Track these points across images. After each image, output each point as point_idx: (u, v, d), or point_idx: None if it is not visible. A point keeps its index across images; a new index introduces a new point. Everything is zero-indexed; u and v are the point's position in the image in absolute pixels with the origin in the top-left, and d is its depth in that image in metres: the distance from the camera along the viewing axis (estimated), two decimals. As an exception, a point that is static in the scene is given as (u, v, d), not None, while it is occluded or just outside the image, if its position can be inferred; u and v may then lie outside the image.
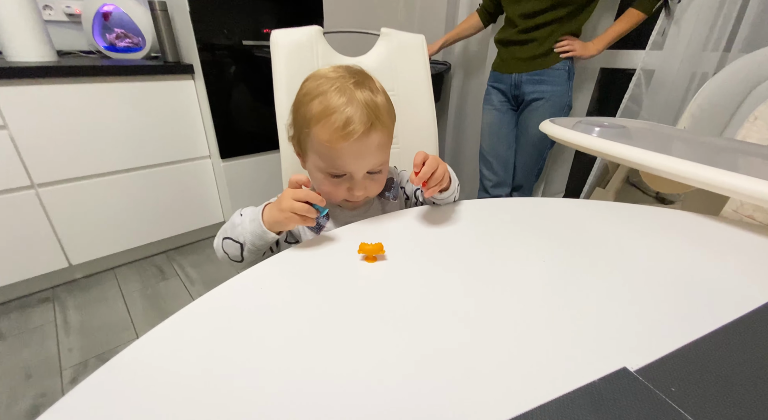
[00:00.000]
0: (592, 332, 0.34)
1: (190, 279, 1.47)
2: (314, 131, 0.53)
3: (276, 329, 0.34)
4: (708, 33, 1.19)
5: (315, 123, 0.52)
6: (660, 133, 0.72)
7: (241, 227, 0.51)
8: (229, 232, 0.53)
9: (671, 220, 0.56)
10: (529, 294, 0.39)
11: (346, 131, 0.51)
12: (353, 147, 0.52)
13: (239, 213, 0.54)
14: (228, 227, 0.54)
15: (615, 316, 0.36)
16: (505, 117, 1.48)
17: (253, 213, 0.52)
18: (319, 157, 0.55)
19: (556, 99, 1.34)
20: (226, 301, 0.38)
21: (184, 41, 1.40)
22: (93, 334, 1.20)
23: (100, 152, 1.33)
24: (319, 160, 0.55)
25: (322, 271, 0.43)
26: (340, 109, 0.51)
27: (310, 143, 0.55)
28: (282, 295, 0.39)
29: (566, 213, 0.58)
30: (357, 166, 0.54)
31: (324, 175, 0.56)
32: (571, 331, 0.34)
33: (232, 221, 0.53)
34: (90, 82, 1.25)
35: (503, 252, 0.47)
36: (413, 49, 0.83)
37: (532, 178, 1.52)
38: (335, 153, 0.53)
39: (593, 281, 0.41)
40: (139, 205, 1.48)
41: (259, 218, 0.50)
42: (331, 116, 0.51)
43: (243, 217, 0.52)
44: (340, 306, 0.37)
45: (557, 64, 1.31)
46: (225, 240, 0.53)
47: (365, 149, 0.53)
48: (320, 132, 0.52)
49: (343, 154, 0.53)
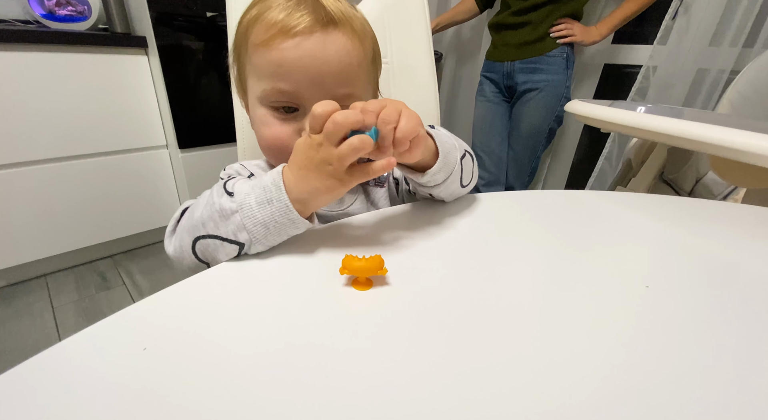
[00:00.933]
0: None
1: (139, 288, 1.25)
2: (250, 40, 0.37)
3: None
4: (716, 28, 1.12)
5: (251, 27, 0.37)
6: (717, 118, 0.59)
7: (243, 216, 0.29)
8: (206, 227, 0.30)
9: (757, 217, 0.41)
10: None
11: (287, 21, 0.35)
12: (299, 46, 0.35)
13: (219, 192, 0.31)
14: (200, 219, 0.30)
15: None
16: (498, 109, 1.34)
17: (259, 189, 0.29)
18: (256, 76, 0.38)
19: (551, 90, 1.20)
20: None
21: (136, 10, 1.20)
22: (9, 355, 0.97)
23: (32, 136, 1.11)
24: (257, 83, 0.38)
25: (281, 307, 0.26)
26: (285, 2, 0.36)
27: (248, 62, 0.39)
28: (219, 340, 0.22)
29: (624, 210, 0.43)
30: (308, 79, 0.36)
31: (266, 110, 0.39)
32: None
33: (213, 208, 0.30)
34: (17, 51, 1.03)
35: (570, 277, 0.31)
36: (412, 7, 0.67)
37: (523, 178, 1.38)
38: (273, 57, 0.36)
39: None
40: (80, 200, 1.25)
41: (285, 197, 0.29)
42: (269, 11, 0.36)
43: (239, 198, 0.29)
44: (311, 376, 0.20)
45: (554, 51, 1.18)
46: (200, 241, 0.30)
47: (318, 52, 0.36)
48: (255, 34, 0.37)
49: (283, 58, 0.36)
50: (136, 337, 0.22)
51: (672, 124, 0.47)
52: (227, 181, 0.32)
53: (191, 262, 0.32)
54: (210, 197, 0.31)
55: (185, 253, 0.32)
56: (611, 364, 0.21)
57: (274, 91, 0.37)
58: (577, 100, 0.64)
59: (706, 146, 0.44)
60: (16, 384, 0.18)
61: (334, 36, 0.37)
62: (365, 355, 0.21)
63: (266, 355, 0.21)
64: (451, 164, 0.37)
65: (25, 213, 1.16)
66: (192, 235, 0.31)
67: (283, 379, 0.19)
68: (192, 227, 0.31)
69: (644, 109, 0.55)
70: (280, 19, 0.35)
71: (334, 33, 0.37)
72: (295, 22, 0.35)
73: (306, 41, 0.36)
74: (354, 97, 0.39)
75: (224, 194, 0.30)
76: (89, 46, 1.13)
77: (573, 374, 0.20)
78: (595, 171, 1.38)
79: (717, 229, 0.39)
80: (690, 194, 0.78)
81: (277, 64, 0.36)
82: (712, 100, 1.19)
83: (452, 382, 0.19)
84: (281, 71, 0.36)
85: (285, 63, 0.36)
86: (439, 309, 0.25)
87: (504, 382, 0.19)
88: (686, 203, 0.45)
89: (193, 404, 0.18)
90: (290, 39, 0.35)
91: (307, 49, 0.36)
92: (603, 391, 0.19)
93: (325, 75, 0.37)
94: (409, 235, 0.34)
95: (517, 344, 0.22)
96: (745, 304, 0.27)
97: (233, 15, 0.57)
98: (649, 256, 0.34)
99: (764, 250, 0.35)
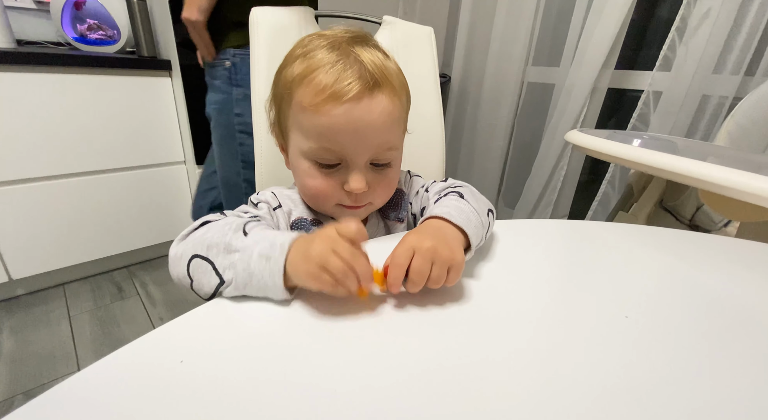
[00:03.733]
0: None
1: (152, 299, 1.29)
2: (295, 98, 0.39)
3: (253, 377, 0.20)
4: (719, 56, 1.15)
5: (296, 86, 0.38)
6: (713, 150, 0.62)
7: (240, 258, 0.30)
8: (209, 251, 0.32)
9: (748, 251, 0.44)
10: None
11: (337, 88, 0.36)
12: (349, 112, 0.37)
13: (237, 227, 0.33)
14: (209, 241, 0.32)
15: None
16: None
17: (267, 242, 0.31)
18: (302, 134, 0.40)
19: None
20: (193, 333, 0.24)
21: (163, 35, 1.28)
22: (25, 364, 1.01)
23: (58, 151, 1.17)
24: (303, 140, 0.40)
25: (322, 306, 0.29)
26: (331, 63, 0.37)
27: (292, 117, 0.41)
28: (266, 338, 0.25)
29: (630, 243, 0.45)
30: (355, 141, 0.38)
31: (310, 163, 0.41)
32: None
33: (223, 238, 0.32)
34: (48, 73, 1.11)
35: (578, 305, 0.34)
36: (420, 42, 0.71)
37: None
38: (322, 122, 0.37)
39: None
40: (100, 213, 1.31)
41: (282, 262, 0.29)
42: (316, 72, 0.37)
43: (248, 242, 0.31)
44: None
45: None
46: (196, 259, 0.32)
47: (367, 116, 0.38)
48: (302, 95, 0.38)
49: (333, 124, 0.37)
50: (170, 354, 0.25)
51: (662, 159, 0.50)
52: (248, 223, 0.34)
53: (181, 272, 0.33)
54: (228, 226, 0.33)
55: (182, 262, 0.33)
56: (611, 396, 0.24)
57: (321, 150, 0.39)
58: (577, 130, 0.67)
59: (695, 181, 0.47)
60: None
61: (379, 98, 0.38)
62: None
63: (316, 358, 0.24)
64: (478, 240, 0.38)
65: (48, 224, 1.21)
66: (195, 249, 0.32)
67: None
68: (199, 244, 0.33)
69: (640, 142, 0.58)
70: (330, 84, 0.37)
71: (379, 96, 0.38)
72: (346, 88, 0.37)
73: (355, 108, 0.37)
74: (393, 148, 0.42)
75: (240, 231, 0.32)
76: (118, 68, 1.20)
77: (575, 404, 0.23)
78: (598, 195, 1.40)
79: (715, 264, 0.41)
80: (691, 221, 0.79)
81: (326, 128, 0.38)
82: (716, 126, 1.21)
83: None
84: (329, 134, 0.38)
85: (334, 128, 0.38)
86: (433, 344, 0.28)
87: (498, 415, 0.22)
88: (684, 236, 0.47)
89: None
90: (340, 105, 0.37)
91: (356, 116, 0.37)
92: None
93: (370, 134, 0.39)
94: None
95: (513, 384, 0.25)
96: (737, 336, 0.30)
97: (256, 30, 0.60)
98: (638, 287, 0.36)
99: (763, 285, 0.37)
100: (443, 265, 0.31)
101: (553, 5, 1.50)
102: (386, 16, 0.70)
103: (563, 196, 1.59)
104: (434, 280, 0.31)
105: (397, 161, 0.44)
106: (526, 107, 1.64)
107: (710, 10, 1.10)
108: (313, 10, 0.66)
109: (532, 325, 0.30)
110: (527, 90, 1.62)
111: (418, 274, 0.30)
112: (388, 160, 0.42)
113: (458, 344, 0.27)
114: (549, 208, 1.61)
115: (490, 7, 1.59)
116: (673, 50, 1.22)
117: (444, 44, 1.88)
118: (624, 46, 1.33)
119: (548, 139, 1.54)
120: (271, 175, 0.63)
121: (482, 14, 1.64)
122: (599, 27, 1.29)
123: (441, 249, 0.31)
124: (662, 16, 1.41)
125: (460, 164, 1.90)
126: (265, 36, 0.62)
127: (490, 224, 0.42)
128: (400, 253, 0.31)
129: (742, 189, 0.43)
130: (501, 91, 1.63)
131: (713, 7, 1.09)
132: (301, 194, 0.47)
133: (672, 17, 1.19)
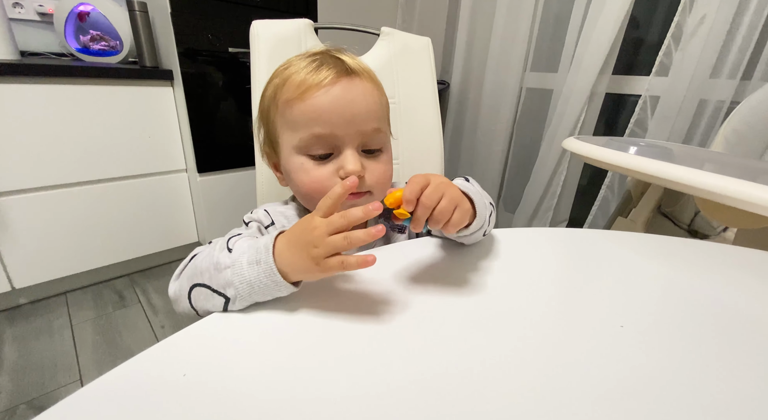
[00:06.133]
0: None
1: (153, 307, 1.30)
2: (281, 99, 0.42)
3: (256, 390, 0.21)
4: (717, 60, 1.16)
5: (279, 90, 0.43)
6: (709, 156, 0.62)
7: (233, 272, 0.31)
8: (202, 276, 0.33)
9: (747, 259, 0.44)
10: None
11: (317, 78, 0.41)
12: (330, 92, 0.41)
13: (222, 246, 0.34)
14: (200, 268, 0.33)
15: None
16: None
17: (253, 249, 0.32)
18: (291, 129, 0.43)
19: None
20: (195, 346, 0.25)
21: (164, 45, 1.29)
22: (27, 373, 1.01)
23: (61, 161, 1.18)
24: (293, 135, 0.42)
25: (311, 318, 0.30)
26: (309, 63, 0.42)
27: (279, 118, 0.44)
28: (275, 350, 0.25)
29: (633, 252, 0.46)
30: (342, 120, 0.41)
31: (303, 158, 0.43)
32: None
33: (211, 260, 0.33)
34: (51, 83, 1.12)
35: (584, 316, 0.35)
36: (418, 52, 0.72)
37: None
38: (307, 107, 0.41)
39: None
40: (102, 221, 1.31)
41: (271, 261, 0.30)
42: (296, 73, 0.42)
43: (234, 256, 0.32)
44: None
45: None
46: (195, 289, 0.33)
47: (348, 94, 0.42)
48: (286, 93, 0.42)
49: (318, 105, 0.41)
50: (172, 368, 0.26)
51: (657, 166, 0.50)
52: (231, 238, 0.35)
53: (185, 307, 0.34)
54: (213, 249, 0.34)
55: (182, 297, 0.34)
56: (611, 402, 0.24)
57: (312, 137, 0.41)
58: (574, 137, 0.68)
59: (689, 189, 0.47)
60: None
61: (357, 82, 0.43)
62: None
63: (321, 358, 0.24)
64: (483, 220, 0.40)
65: (50, 233, 1.22)
66: (191, 281, 0.34)
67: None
68: (192, 274, 0.34)
69: (636, 149, 0.58)
70: (308, 77, 0.41)
71: (356, 80, 0.43)
72: (322, 76, 0.41)
73: (334, 88, 0.41)
74: (381, 132, 0.44)
75: (225, 249, 0.33)
76: (120, 78, 1.22)
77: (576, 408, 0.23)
78: (597, 200, 1.40)
79: (712, 272, 0.42)
80: (689, 226, 0.80)
81: (311, 111, 0.41)
82: (713, 131, 1.22)
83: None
84: (315, 116, 0.41)
85: (318, 109, 0.41)
86: (433, 349, 0.28)
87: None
88: (680, 244, 0.48)
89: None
90: (320, 89, 0.41)
91: (336, 94, 0.41)
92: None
93: (355, 113, 0.42)
94: (408, 271, 0.38)
95: (512, 390, 0.25)
96: (734, 344, 0.30)
97: (256, 44, 0.62)
98: (632, 296, 0.37)
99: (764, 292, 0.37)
100: (452, 201, 0.33)
101: (550, 11, 1.51)
102: (384, 27, 0.71)
103: (563, 201, 1.60)
104: (441, 211, 0.32)
105: (388, 149, 0.47)
106: (524, 113, 1.66)
107: (705, 17, 1.11)
108: (313, 23, 0.67)
109: (528, 333, 0.30)
110: (526, 96, 1.64)
111: (428, 198, 0.32)
112: (379, 145, 0.45)
113: (457, 350, 0.27)
114: (549, 213, 1.62)
115: (488, 14, 1.61)
116: (669, 56, 1.23)
117: (443, 51, 1.89)
118: (621, 51, 1.34)
119: (547, 145, 1.54)
120: (272, 184, 0.63)
121: (480, 21, 1.65)
122: (596, 32, 1.31)
123: (452, 189, 0.34)
124: (658, 21, 1.43)
125: (460, 170, 1.91)
126: (266, 48, 0.63)
127: (492, 212, 0.44)
128: (416, 180, 0.33)
129: (735, 196, 0.44)
130: (500, 97, 1.64)
131: (708, 13, 1.10)
132: (298, 197, 0.48)
133: (668, 23, 1.21)
